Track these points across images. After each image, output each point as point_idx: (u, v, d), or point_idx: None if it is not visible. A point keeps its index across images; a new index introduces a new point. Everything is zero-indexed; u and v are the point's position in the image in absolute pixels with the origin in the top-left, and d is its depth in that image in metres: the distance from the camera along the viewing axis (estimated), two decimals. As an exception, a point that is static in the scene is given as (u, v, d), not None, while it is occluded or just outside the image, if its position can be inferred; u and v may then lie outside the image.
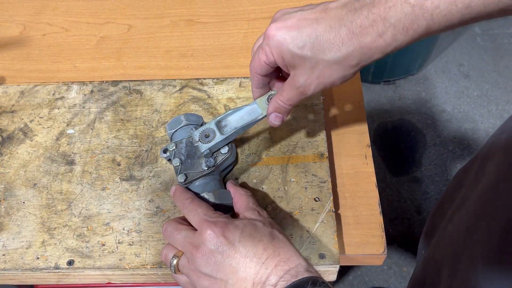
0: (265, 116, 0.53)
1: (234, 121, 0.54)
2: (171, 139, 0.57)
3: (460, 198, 0.59)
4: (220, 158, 0.54)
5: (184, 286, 0.48)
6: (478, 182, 0.54)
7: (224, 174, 0.58)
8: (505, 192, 0.46)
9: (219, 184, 0.55)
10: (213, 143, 0.53)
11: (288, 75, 0.48)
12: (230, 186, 0.54)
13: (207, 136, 0.53)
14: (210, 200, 0.51)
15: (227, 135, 0.53)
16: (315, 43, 0.43)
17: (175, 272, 0.47)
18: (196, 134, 0.53)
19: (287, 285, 0.40)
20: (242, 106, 0.54)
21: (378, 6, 0.39)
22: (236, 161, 0.59)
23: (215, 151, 0.54)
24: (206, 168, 0.53)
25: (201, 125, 0.57)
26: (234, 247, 0.44)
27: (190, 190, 0.53)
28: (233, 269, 0.43)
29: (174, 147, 0.55)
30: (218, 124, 0.54)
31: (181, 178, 0.52)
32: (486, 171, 0.53)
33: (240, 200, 0.51)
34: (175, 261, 0.47)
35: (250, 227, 0.45)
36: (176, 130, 0.56)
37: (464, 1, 0.36)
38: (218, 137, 0.53)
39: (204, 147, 0.53)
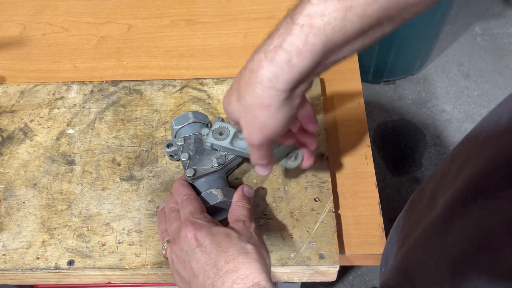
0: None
1: (246, 143, 0.52)
2: (175, 136, 0.57)
3: (412, 224, 0.58)
4: (230, 157, 0.54)
5: (171, 271, 0.50)
6: (429, 212, 0.54)
7: (229, 174, 0.58)
8: (451, 230, 0.46)
9: (225, 182, 0.55)
10: (218, 142, 0.52)
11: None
12: (236, 193, 0.53)
13: (220, 134, 0.53)
14: (218, 196, 0.51)
15: (233, 148, 0.53)
16: (236, 95, 0.43)
17: (164, 257, 0.49)
18: (212, 128, 0.53)
19: None
20: None
21: (272, 37, 0.38)
22: (241, 162, 0.59)
23: (219, 151, 0.54)
24: (216, 165, 0.53)
25: (207, 124, 0.57)
26: (200, 251, 0.44)
27: (194, 186, 0.53)
28: (193, 273, 0.44)
29: (183, 142, 0.55)
30: (237, 133, 0.53)
31: (189, 173, 0.52)
32: (437, 202, 0.53)
33: (233, 210, 0.51)
34: (165, 246, 0.49)
35: (222, 236, 0.45)
36: (183, 126, 0.56)
37: (357, 13, 0.34)
38: (225, 143, 0.52)
39: (210, 140, 0.53)
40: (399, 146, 1.61)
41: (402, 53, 1.58)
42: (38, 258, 0.53)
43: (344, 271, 1.38)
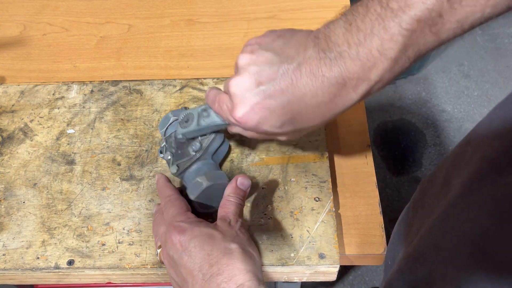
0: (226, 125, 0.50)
1: (214, 116, 0.50)
2: (165, 140, 0.57)
3: (426, 211, 0.58)
4: (206, 141, 0.53)
5: None
6: (444, 194, 0.54)
7: (218, 159, 0.56)
8: (471, 208, 0.46)
9: (215, 167, 0.54)
10: (186, 129, 0.51)
11: None
12: (229, 184, 0.51)
13: (186, 121, 0.52)
14: (203, 184, 0.50)
15: (201, 127, 0.51)
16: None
17: (160, 261, 0.49)
18: (178, 120, 0.52)
19: None
20: None
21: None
22: (229, 149, 0.58)
23: (201, 136, 0.53)
24: (194, 153, 0.52)
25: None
26: (186, 256, 0.44)
27: (183, 180, 0.53)
28: (183, 278, 0.44)
29: (165, 143, 0.55)
30: (201, 112, 0.50)
31: (173, 169, 0.52)
32: (451, 184, 0.53)
33: (223, 204, 0.50)
34: (159, 251, 0.49)
35: (205, 238, 0.45)
36: (166, 128, 0.56)
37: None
38: (193, 126, 0.51)
39: (180, 131, 0.52)
40: (399, 146, 1.61)
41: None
42: (38, 258, 0.53)
43: (344, 271, 1.38)
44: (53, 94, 0.66)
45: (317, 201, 0.55)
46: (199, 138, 0.53)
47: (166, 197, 0.51)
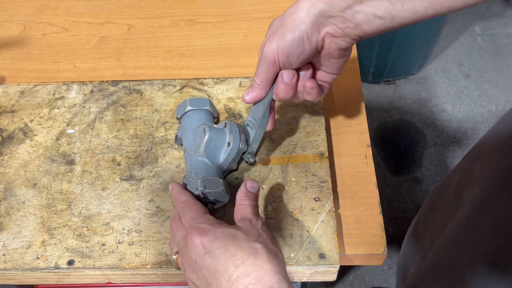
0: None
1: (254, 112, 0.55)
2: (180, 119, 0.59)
3: (437, 225, 0.58)
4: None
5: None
6: (455, 211, 0.54)
7: (226, 171, 0.57)
8: (487, 226, 0.46)
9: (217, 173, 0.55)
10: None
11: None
12: (239, 190, 0.51)
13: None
14: (199, 188, 0.51)
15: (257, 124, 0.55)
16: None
17: (176, 268, 0.48)
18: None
19: None
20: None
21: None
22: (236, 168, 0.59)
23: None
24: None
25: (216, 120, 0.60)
26: (210, 258, 0.43)
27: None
28: (206, 281, 0.43)
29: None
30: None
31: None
32: (463, 201, 0.53)
33: (237, 209, 0.50)
34: (175, 257, 0.48)
35: (229, 238, 0.44)
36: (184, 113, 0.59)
37: None
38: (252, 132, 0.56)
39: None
40: (399, 146, 1.61)
41: (402, 53, 1.58)
42: (38, 258, 0.53)
43: (344, 271, 1.38)
44: (53, 94, 0.66)
45: (317, 201, 0.55)
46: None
47: (182, 202, 0.50)
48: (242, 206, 0.49)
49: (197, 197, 0.52)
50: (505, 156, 0.47)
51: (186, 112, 0.58)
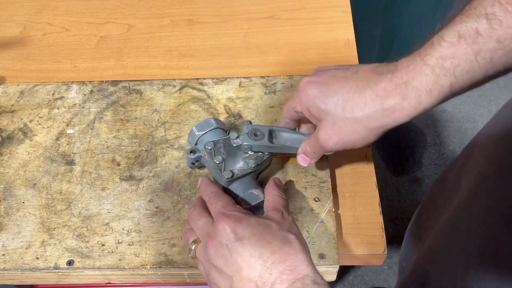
0: None
1: (284, 140, 0.55)
2: (196, 142, 0.57)
3: (437, 213, 0.59)
4: (265, 157, 0.55)
5: (201, 272, 0.48)
6: (454, 196, 0.54)
7: (258, 176, 0.58)
8: (479, 210, 0.46)
9: (257, 184, 0.55)
10: (258, 143, 0.54)
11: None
12: (269, 183, 0.52)
13: (256, 135, 0.54)
14: (260, 196, 0.52)
15: (274, 145, 0.54)
16: (339, 101, 0.45)
17: (192, 257, 0.48)
18: (245, 131, 0.55)
19: None
20: (298, 132, 0.56)
21: (400, 70, 0.41)
22: (270, 163, 0.59)
23: (257, 152, 0.55)
24: (253, 166, 0.54)
25: (227, 131, 0.58)
26: (242, 244, 0.43)
27: (227, 191, 0.53)
28: (238, 266, 0.43)
29: (213, 146, 0.55)
30: (271, 132, 0.55)
31: (227, 174, 0.52)
32: (461, 186, 0.53)
33: (271, 198, 0.50)
34: (193, 247, 0.47)
35: (263, 226, 0.44)
36: (205, 132, 0.56)
37: (486, 57, 0.37)
38: (265, 142, 0.54)
39: (247, 141, 0.54)
40: (399, 146, 1.61)
41: (402, 53, 1.57)
42: (37, 258, 0.53)
43: (344, 271, 1.38)
44: (53, 94, 0.66)
45: (316, 201, 0.55)
46: (258, 153, 0.55)
47: (211, 192, 0.50)
48: (275, 197, 0.50)
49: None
50: (502, 141, 0.48)
51: (200, 137, 0.57)
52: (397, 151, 1.60)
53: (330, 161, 0.60)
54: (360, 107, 0.44)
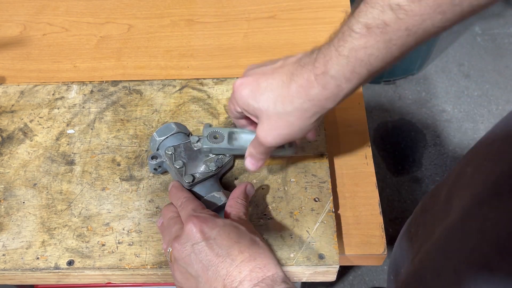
0: None
1: (244, 141, 0.55)
2: (157, 148, 0.57)
3: (427, 229, 0.58)
4: (226, 159, 0.55)
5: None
6: (445, 216, 0.54)
7: (221, 178, 0.58)
8: (472, 235, 0.46)
9: (220, 186, 0.55)
10: (217, 146, 0.54)
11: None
12: (237, 188, 0.53)
13: (215, 138, 0.55)
14: (221, 198, 0.52)
15: (233, 147, 0.54)
16: (270, 97, 0.45)
17: (171, 261, 0.48)
18: (205, 134, 0.55)
19: None
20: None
21: (318, 61, 0.41)
22: (233, 165, 0.59)
23: (218, 154, 0.55)
24: (214, 169, 0.54)
25: (189, 135, 0.58)
26: (208, 243, 0.43)
27: (194, 192, 0.53)
28: (203, 266, 0.43)
29: (173, 151, 0.55)
30: (231, 134, 0.55)
31: (188, 179, 0.53)
32: (453, 205, 0.53)
33: (234, 205, 0.50)
34: (170, 251, 0.48)
35: (231, 227, 0.45)
36: (166, 137, 0.56)
37: (397, 43, 0.38)
38: (224, 144, 0.54)
39: (207, 144, 0.54)
40: (399, 146, 1.61)
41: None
42: (37, 258, 0.53)
43: (344, 271, 1.38)
44: (53, 94, 0.66)
45: (316, 201, 0.55)
46: (219, 155, 0.55)
47: (183, 197, 0.51)
48: (237, 204, 0.51)
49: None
50: (498, 162, 0.47)
51: (161, 143, 0.57)
52: (397, 151, 1.60)
53: (330, 161, 0.60)
54: (289, 100, 0.44)
